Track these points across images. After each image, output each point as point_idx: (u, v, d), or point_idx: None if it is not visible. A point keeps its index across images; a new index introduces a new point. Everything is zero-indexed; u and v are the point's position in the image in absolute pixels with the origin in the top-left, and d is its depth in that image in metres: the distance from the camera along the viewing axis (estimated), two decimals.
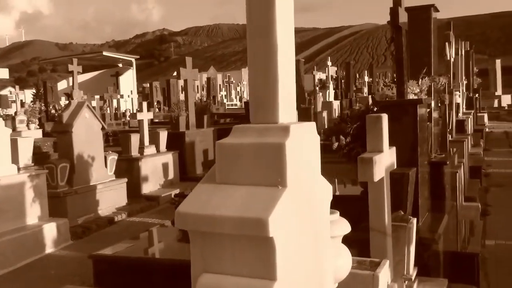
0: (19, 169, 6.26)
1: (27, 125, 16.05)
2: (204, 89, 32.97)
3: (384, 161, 3.01)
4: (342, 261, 2.06)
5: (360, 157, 2.87)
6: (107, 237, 6.47)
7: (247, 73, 1.64)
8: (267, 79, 1.55)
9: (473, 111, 13.76)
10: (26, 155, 6.88)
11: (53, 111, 17.87)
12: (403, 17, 4.50)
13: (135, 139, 9.29)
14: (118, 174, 8.37)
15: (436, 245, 4.11)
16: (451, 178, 5.79)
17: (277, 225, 1.35)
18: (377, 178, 2.87)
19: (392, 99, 4.81)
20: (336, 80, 26.12)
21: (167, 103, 24.08)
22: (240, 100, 36.57)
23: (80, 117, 7.54)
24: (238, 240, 1.40)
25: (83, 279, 4.94)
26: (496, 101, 28.54)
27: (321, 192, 1.73)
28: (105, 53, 46.64)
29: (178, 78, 13.03)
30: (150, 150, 9.59)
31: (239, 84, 40.29)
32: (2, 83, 44.31)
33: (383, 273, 2.59)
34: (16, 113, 17.65)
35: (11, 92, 31.52)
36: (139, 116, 9.87)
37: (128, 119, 21.73)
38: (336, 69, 30.15)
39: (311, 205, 1.64)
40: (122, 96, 29.17)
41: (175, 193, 8.75)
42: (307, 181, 1.60)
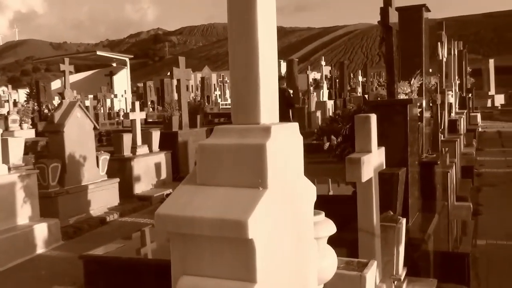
0: (9, 169, 6.22)
1: (20, 125, 16.03)
2: (198, 88, 32.95)
3: (372, 161, 3.00)
4: (327, 262, 2.05)
5: (348, 157, 2.86)
6: (99, 237, 6.44)
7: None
8: (248, 80, 1.54)
9: (466, 111, 13.79)
10: (17, 155, 6.83)
11: (46, 111, 17.83)
12: (394, 17, 4.50)
13: (127, 139, 9.25)
14: (110, 174, 8.33)
15: (426, 245, 4.12)
16: (443, 178, 5.81)
17: (257, 227, 1.33)
18: (365, 178, 2.87)
19: (383, 99, 4.82)
20: (330, 79, 26.14)
21: (161, 102, 24.06)
22: None
23: (71, 117, 7.51)
24: (218, 242, 1.39)
25: (73, 280, 4.91)
26: (489, 101, 28.66)
27: (304, 193, 1.72)
28: (99, 53, 46.59)
29: (172, 77, 12.99)
30: (142, 150, 9.56)
31: None
32: None
33: (370, 273, 2.59)
34: (9, 113, 17.60)
35: (4, 91, 31.44)
36: (132, 115, 9.83)
37: (121, 118, 21.71)
38: (330, 68, 30.17)
39: (294, 206, 1.62)
40: (116, 95, 29.16)
41: (167, 193, 8.75)
42: (289, 182, 1.59)
